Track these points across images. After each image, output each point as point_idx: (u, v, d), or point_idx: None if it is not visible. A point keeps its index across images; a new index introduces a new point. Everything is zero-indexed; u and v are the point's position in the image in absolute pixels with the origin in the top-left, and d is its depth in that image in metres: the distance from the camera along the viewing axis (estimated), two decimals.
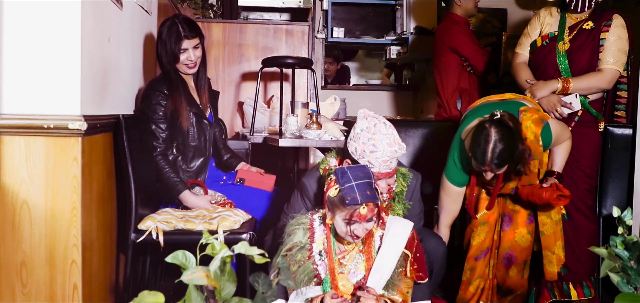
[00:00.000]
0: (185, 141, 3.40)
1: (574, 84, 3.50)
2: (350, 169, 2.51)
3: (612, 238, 2.20)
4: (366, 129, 2.75)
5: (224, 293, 2.10)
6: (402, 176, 2.99)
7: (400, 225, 2.70)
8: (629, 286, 2.18)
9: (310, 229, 2.63)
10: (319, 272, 2.58)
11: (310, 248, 2.60)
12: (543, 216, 3.39)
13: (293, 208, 2.95)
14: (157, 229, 2.97)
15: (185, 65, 3.42)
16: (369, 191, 2.46)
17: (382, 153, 2.72)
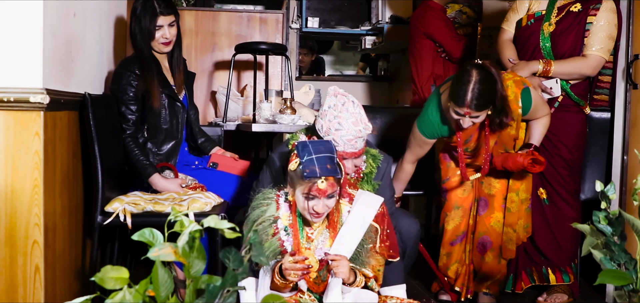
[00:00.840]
0: (157, 123, 3.30)
1: (556, 67, 3.39)
2: (311, 143, 2.44)
3: (595, 213, 2.15)
4: (333, 106, 2.68)
5: (193, 271, 2.00)
6: (372, 158, 2.92)
7: (368, 198, 2.63)
8: (612, 263, 2.13)
9: (276, 204, 2.56)
10: (286, 247, 2.51)
11: (276, 224, 2.53)
12: (512, 193, 3.36)
13: (261, 184, 2.86)
14: (125, 211, 2.86)
15: (160, 43, 3.32)
16: (330, 165, 2.39)
17: (346, 131, 2.64)
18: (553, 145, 3.46)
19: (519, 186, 3.37)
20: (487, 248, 3.39)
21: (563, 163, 3.47)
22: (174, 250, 1.96)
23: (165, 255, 1.94)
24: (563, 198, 3.49)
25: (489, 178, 3.39)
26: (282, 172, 2.80)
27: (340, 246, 2.51)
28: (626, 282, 2.05)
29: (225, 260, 1.98)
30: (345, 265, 2.44)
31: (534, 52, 3.47)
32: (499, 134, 3.21)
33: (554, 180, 3.47)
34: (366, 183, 2.89)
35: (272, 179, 2.84)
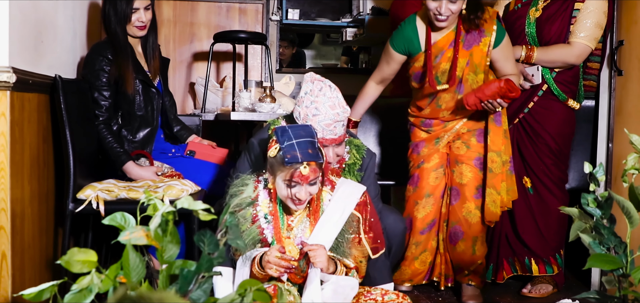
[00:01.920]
0: (131, 110, 3.19)
1: (539, 54, 3.32)
2: (291, 128, 2.35)
3: (584, 196, 2.08)
4: (310, 92, 2.60)
5: (166, 255, 1.91)
6: (356, 148, 2.85)
7: (350, 185, 2.55)
8: (601, 247, 2.06)
9: (255, 191, 2.47)
10: (265, 235, 2.42)
11: (255, 212, 2.43)
12: (492, 153, 3.30)
13: (239, 170, 2.75)
14: (98, 198, 2.76)
15: (135, 27, 3.22)
16: (311, 150, 2.30)
17: (324, 115, 2.56)
18: (537, 134, 3.39)
19: (500, 147, 3.30)
20: (458, 238, 3.34)
21: (548, 151, 3.40)
22: (146, 233, 1.87)
23: (136, 239, 1.85)
24: (547, 188, 3.41)
25: (460, 166, 3.34)
26: (262, 158, 2.71)
27: (319, 235, 2.43)
28: (616, 266, 1.99)
29: (200, 243, 1.89)
30: (323, 254, 2.34)
31: (519, 37, 3.40)
32: (471, 53, 3.19)
33: (538, 169, 3.40)
34: (349, 174, 2.82)
35: (250, 165, 2.75)
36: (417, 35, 3.26)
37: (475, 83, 3.25)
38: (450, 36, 3.22)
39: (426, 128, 3.40)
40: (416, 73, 3.33)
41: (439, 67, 3.24)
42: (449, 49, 3.22)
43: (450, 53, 3.22)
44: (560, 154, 3.43)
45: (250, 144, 2.79)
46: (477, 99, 3.12)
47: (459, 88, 3.26)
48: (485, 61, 3.23)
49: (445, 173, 3.40)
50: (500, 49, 3.22)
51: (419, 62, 3.29)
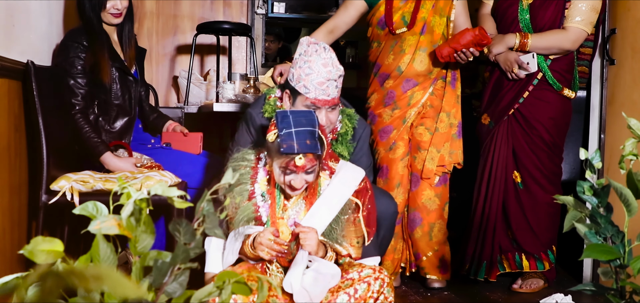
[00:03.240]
0: (108, 98, 3.09)
1: (533, 40, 3.23)
2: (292, 114, 2.26)
3: (579, 183, 2.00)
4: (304, 53, 2.57)
5: (140, 246, 1.80)
6: (348, 118, 2.80)
7: (349, 171, 2.47)
8: (597, 237, 1.98)
9: (255, 168, 2.41)
10: (260, 214, 2.36)
11: (253, 188, 2.38)
12: (443, 113, 3.34)
13: (238, 142, 2.71)
14: (72, 189, 2.64)
15: (110, 14, 3.11)
16: (310, 140, 2.22)
17: (317, 74, 2.52)
18: (531, 126, 3.29)
19: (451, 108, 3.35)
20: (416, 224, 3.36)
21: (541, 144, 3.30)
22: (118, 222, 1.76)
23: (107, 228, 1.74)
24: (538, 183, 3.32)
25: (422, 153, 3.33)
26: (261, 130, 2.69)
27: (312, 218, 2.36)
28: (613, 256, 1.91)
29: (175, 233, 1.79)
30: (313, 237, 2.29)
31: (513, 24, 3.32)
32: None
33: (529, 162, 3.31)
34: (340, 144, 2.78)
35: (249, 135, 2.73)
36: None
37: (439, 26, 3.29)
38: None
39: (390, 103, 3.34)
40: (381, 18, 3.33)
41: (405, 8, 3.28)
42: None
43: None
44: (555, 147, 3.33)
45: (247, 115, 2.76)
46: (451, 49, 3.14)
47: (423, 31, 3.28)
48: (451, 7, 3.29)
49: (409, 160, 3.40)
50: (462, 3, 3.34)
51: (383, 6, 3.31)
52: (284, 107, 2.66)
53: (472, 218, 3.48)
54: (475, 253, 3.44)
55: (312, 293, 2.23)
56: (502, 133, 3.37)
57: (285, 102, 2.65)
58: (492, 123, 3.39)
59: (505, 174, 3.36)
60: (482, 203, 3.42)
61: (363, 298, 2.28)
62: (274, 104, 2.72)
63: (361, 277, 2.28)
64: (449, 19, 3.31)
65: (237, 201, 2.35)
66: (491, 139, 3.40)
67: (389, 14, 3.28)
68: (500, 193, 3.38)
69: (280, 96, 2.73)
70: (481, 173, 3.45)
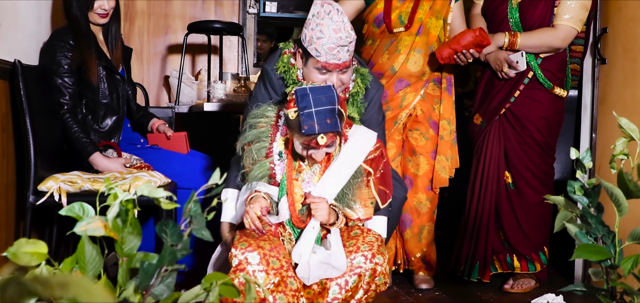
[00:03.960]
0: (96, 98, 3.06)
1: (522, 39, 3.21)
2: (312, 92, 2.29)
3: (570, 183, 1.99)
4: (317, 14, 2.52)
5: (126, 248, 1.79)
6: (361, 77, 2.77)
7: (361, 137, 2.51)
8: (588, 237, 1.97)
9: (274, 126, 2.47)
10: (275, 172, 2.43)
11: (271, 146, 2.45)
12: (444, 121, 3.36)
13: (256, 98, 2.74)
14: (60, 190, 2.62)
15: (97, 14, 3.09)
16: (330, 119, 2.26)
17: (327, 38, 2.49)
18: (522, 125, 3.27)
19: (450, 116, 3.37)
20: (406, 226, 3.36)
21: (533, 143, 3.28)
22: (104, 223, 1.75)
23: (93, 229, 1.73)
24: (528, 183, 3.29)
25: (417, 158, 3.33)
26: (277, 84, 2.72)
27: (323, 187, 2.42)
28: (604, 256, 1.90)
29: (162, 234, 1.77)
30: (324, 207, 2.35)
31: (502, 23, 3.30)
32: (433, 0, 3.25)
33: (520, 163, 3.29)
34: (351, 104, 2.77)
35: (266, 91, 2.75)
36: None
37: (435, 28, 3.29)
38: None
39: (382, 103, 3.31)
40: (378, 15, 3.31)
41: (402, 8, 3.27)
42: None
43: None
44: (547, 147, 3.31)
45: (263, 71, 2.77)
46: (452, 50, 3.14)
47: (419, 31, 3.27)
48: (448, 10, 3.29)
49: (400, 162, 3.39)
50: (458, 7, 3.34)
51: (380, 4, 3.30)
52: (296, 65, 2.66)
53: (465, 219, 3.46)
54: (468, 254, 3.42)
55: (312, 274, 2.28)
56: (493, 133, 3.35)
57: (297, 60, 2.66)
58: (484, 123, 3.38)
59: (497, 174, 3.35)
60: (475, 204, 3.41)
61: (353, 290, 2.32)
62: (288, 61, 2.70)
63: (353, 267, 2.31)
64: (445, 21, 3.31)
65: (254, 157, 2.43)
66: (483, 140, 3.39)
67: (387, 13, 3.27)
68: (492, 194, 3.36)
69: (294, 52, 2.71)
70: (474, 173, 3.44)
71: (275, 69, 2.71)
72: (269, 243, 2.30)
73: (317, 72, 2.56)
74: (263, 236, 2.34)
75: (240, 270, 2.22)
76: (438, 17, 3.29)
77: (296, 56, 2.67)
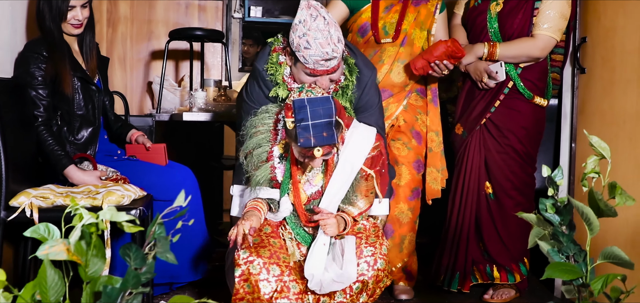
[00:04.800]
0: (71, 109, 3.03)
1: (501, 49, 3.20)
2: (310, 104, 2.28)
3: (542, 201, 1.98)
4: (303, 21, 2.48)
5: (90, 271, 1.76)
6: (349, 70, 2.75)
7: (359, 139, 2.53)
8: (560, 255, 1.95)
9: (273, 131, 2.49)
10: (276, 175, 2.47)
11: (271, 150, 2.48)
12: (432, 133, 3.39)
13: (251, 97, 2.76)
14: (32, 205, 2.58)
15: (70, 25, 3.06)
16: (327, 132, 2.26)
17: (314, 51, 2.47)
18: (503, 135, 3.26)
19: (438, 127, 3.40)
20: (388, 235, 3.33)
21: (513, 153, 3.27)
22: (67, 247, 1.72)
23: (55, 253, 1.70)
24: (508, 194, 3.28)
25: (399, 168, 3.31)
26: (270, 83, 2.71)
27: (329, 199, 2.47)
28: (575, 275, 1.89)
29: (125, 257, 1.74)
30: (333, 223, 2.41)
31: (482, 33, 3.29)
32: (418, 10, 3.26)
33: (500, 173, 3.27)
34: (342, 96, 2.76)
35: (260, 89, 2.74)
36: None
37: (419, 39, 3.28)
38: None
39: None
40: (362, 25, 3.30)
41: (387, 18, 3.26)
42: (399, 4, 3.27)
43: (399, 7, 3.26)
44: (527, 157, 3.30)
45: (255, 70, 2.75)
46: (425, 61, 3.13)
47: (403, 42, 3.27)
48: (432, 21, 3.29)
49: None
50: (442, 19, 3.34)
51: (366, 14, 3.29)
52: (285, 63, 2.66)
53: (446, 229, 3.45)
54: (449, 264, 3.41)
55: (324, 289, 2.33)
56: (474, 143, 3.34)
57: (286, 58, 2.65)
58: (465, 133, 3.37)
59: (478, 185, 3.34)
60: (455, 214, 3.40)
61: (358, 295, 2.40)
62: (277, 60, 2.68)
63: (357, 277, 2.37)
64: (429, 33, 3.30)
65: (256, 162, 2.47)
66: (464, 150, 3.38)
67: (374, 24, 3.27)
68: (473, 204, 3.35)
69: (283, 47, 2.68)
70: (455, 183, 3.43)
71: (265, 70, 2.70)
72: (268, 250, 2.38)
73: (305, 75, 2.56)
74: (262, 242, 2.41)
75: (243, 279, 2.32)
76: (422, 28, 3.29)
77: (285, 52, 2.66)
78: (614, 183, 1.83)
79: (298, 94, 2.39)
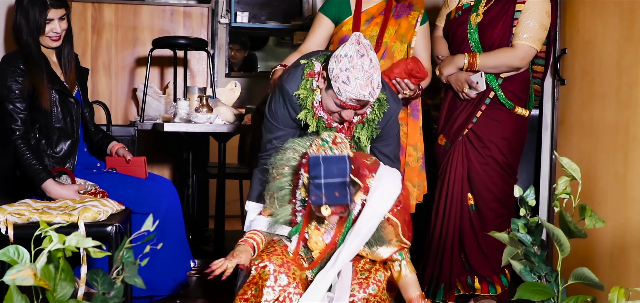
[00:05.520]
0: (49, 122, 3.02)
1: (481, 60, 3.20)
2: (324, 162, 2.24)
3: (514, 221, 1.98)
4: (350, 56, 2.44)
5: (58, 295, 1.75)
6: (379, 104, 2.71)
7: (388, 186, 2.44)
8: (532, 274, 1.96)
9: (297, 175, 2.41)
10: (296, 218, 2.44)
11: (294, 192, 2.43)
12: (410, 147, 3.36)
13: (276, 116, 2.69)
14: (7, 222, 2.57)
15: (48, 38, 3.04)
16: (339, 191, 2.23)
17: (352, 89, 2.43)
18: (484, 146, 3.26)
19: (417, 142, 3.38)
20: None
21: (494, 164, 3.27)
22: (33, 272, 1.71)
23: (22, 279, 1.69)
24: (489, 206, 3.29)
25: None
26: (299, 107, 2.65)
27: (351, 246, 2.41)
28: (546, 296, 1.89)
29: (93, 282, 1.74)
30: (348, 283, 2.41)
31: (463, 44, 3.29)
32: (399, 23, 3.25)
33: (481, 184, 3.28)
34: (365, 129, 2.73)
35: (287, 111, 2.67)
36: (348, 1, 3.29)
37: (399, 52, 3.27)
38: (381, 6, 3.29)
39: None
40: (342, 38, 3.27)
41: (367, 31, 3.26)
42: (380, 17, 3.27)
43: (380, 20, 3.26)
44: (508, 167, 3.30)
45: (284, 91, 2.66)
46: (386, 78, 3.08)
47: (384, 55, 3.26)
48: (413, 34, 3.27)
49: None
50: (423, 31, 3.31)
51: (347, 26, 3.28)
52: (317, 90, 2.61)
53: (429, 240, 3.45)
54: (433, 275, 3.41)
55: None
56: (457, 154, 3.34)
57: (319, 82, 2.60)
58: (448, 144, 3.37)
59: (461, 196, 3.34)
60: (439, 225, 3.40)
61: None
62: (310, 87, 2.63)
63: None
64: (410, 46, 3.28)
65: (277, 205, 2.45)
66: (447, 161, 3.38)
67: None
68: (456, 216, 3.35)
69: (318, 73, 2.63)
70: (438, 195, 3.43)
71: (297, 96, 2.63)
72: (280, 257, 2.39)
73: (333, 104, 2.54)
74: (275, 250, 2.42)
75: (253, 283, 2.35)
76: (403, 41, 3.27)
77: (319, 76, 2.61)
78: (583, 204, 1.83)
79: (317, 149, 2.35)
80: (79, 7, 4.91)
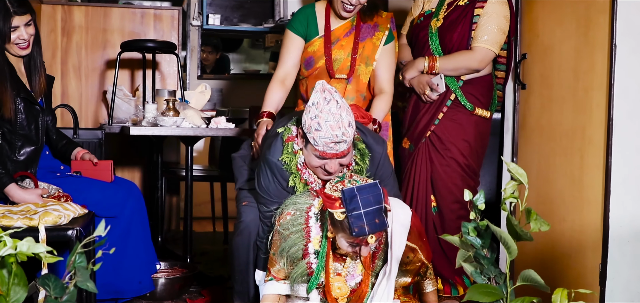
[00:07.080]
0: (13, 129, 2.99)
1: (441, 63, 3.27)
2: (360, 193, 2.29)
3: (464, 224, 2.02)
4: (316, 104, 2.50)
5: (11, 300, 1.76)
6: (360, 156, 2.74)
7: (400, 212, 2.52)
8: (482, 276, 2.00)
9: (306, 228, 2.49)
10: (313, 270, 2.48)
11: (306, 247, 2.49)
12: None
13: (268, 192, 2.71)
14: None
15: (16, 45, 3.00)
16: (379, 218, 2.29)
17: (325, 133, 2.47)
18: (446, 148, 3.32)
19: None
20: None
21: (456, 166, 3.33)
22: None
23: None
24: (450, 208, 3.34)
25: None
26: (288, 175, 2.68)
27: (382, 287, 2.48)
28: (495, 298, 1.93)
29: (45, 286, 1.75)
30: None
31: (424, 48, 3.37)
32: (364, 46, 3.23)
33: (443, 187, 3.33)
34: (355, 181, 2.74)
35: (278, 183, 2.70)
36: (315, 19, 3.28)
37: (364, 75, 3.26)
38: (347, 26, 3.27)
39: None
40: (308, 58, 3.28)
41: (340, 48, 3.26)
42: (344, 39, 3.26)
43: (345, 42, 3.25)
44: (469, 169, 3.36)
45: (270, 164, 2.68)
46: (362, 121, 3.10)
47: (350, 79, 3.26)
48: (376, 54, 3.26)
49: None
50: (387, 50, 3.27)
51: (312, 47, 3.27)
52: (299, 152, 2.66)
53: None
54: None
55: None
56: (421, 156, 3.39)
57: (298, 142, 2.66)
58: (412, 146, 3.42)
59: (426, 199, 3.38)
60: None
61: None
62: (292, 149, 2.66)
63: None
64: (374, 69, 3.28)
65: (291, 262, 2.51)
66: (412, 164, 3.42)
67: (329, 62, 3.24)
68: (421, 218, 3.39)
69: (296, 135, 2.68)
70: (402, 198, 3.46)
71: (281, 161, 2.66)
72: None
73: (315, 158, 2.56)
74: None
75: None
76: (367, 64, 3.26)
77: (298, 137, 2.65)
78: (529, 208, 1.88)
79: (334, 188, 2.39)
80: (48, 10, 4.89)
